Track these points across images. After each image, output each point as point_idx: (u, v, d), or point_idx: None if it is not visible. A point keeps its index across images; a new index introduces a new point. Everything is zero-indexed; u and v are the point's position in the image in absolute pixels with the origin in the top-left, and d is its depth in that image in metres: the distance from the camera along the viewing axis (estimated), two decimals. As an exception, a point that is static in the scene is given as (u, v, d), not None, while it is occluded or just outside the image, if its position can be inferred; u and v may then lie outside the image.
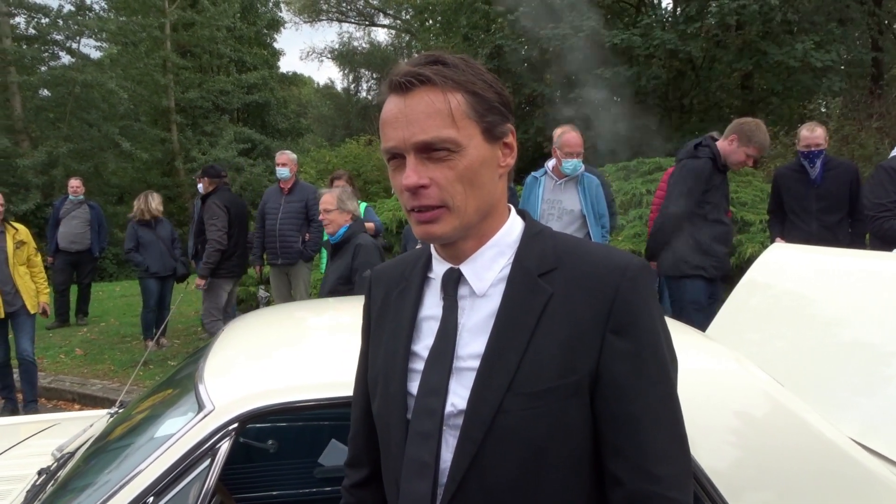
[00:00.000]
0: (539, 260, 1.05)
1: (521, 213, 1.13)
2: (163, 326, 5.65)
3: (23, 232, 5.76)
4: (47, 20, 17.12)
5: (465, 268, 1.07)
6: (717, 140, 4.33)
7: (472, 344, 1.04)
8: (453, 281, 1.08)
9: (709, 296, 4.34)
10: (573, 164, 4.65)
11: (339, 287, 4.12)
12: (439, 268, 1.11)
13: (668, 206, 4.39)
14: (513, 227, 1.10)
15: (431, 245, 1.13)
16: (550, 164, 4.82)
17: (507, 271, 1.06)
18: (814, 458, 1.60)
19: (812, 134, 4.84)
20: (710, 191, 4.24)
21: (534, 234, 1.09)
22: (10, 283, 5.51)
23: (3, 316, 5.47)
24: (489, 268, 1.07)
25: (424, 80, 0.99)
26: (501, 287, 1.05)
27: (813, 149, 4.81)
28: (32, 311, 5.65)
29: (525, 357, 0.99)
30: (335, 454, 2.81)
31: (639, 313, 1.00)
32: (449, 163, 0.99)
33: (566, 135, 4.69)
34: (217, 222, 6.01)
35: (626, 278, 1.00)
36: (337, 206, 4.23)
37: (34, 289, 5.70)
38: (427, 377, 1.06)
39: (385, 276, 1.23)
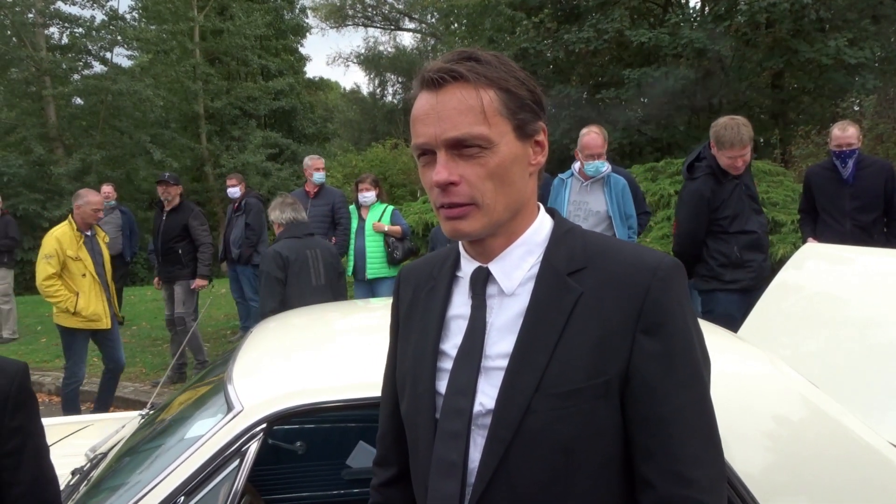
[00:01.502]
0: (568, 259, 1.04)
1: (550, 211, 1.12)
2: (191, 329, 5.72)
3: (106, 236, 5.62)
4: (81, 30, 17.50)
5: (493, 266, 1.06)
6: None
7: (500, 343, 1.03)
8: (482, 280, 1.07)
9: (747, 306, 4.15)
10: (595, 166, 4.61)
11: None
12: (468, 266, 1.10)
13: (677, 235, 4.21)
14: (542, 225, 1.08)
15: (460, 243, 1.12)
16: (577, 165, 4.79)
17: (535, 270, 1.05)
18: (851, 462, 1.56)
19: (844, 133, 4.74)
20: (721, 206, 3.99)
21: (563, 233, 1.08)
22: (109, 291, 5.30)
23: (109, 326, 5.21)
24: (518, 266, 1.05)
25: (457, 77, 0.98)
26: (530, 286, 1.04)
27: (845, 148, 4.71)
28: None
29: (554, 357, 0.98)
30: (363, 456, 2.82)
31: (670, 313, 0.98)
32: (480, 160, 0.98)
33: (586, 137, 4.65)
34: (206, 228, 6.55)
35: (657, 278, 0.99)
36: (271, 218, 4.51)
37: None
38: (455, 376, 1.05)
39: (413, 274, 1.22)
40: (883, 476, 1.55)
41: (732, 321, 4.03)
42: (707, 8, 13.86)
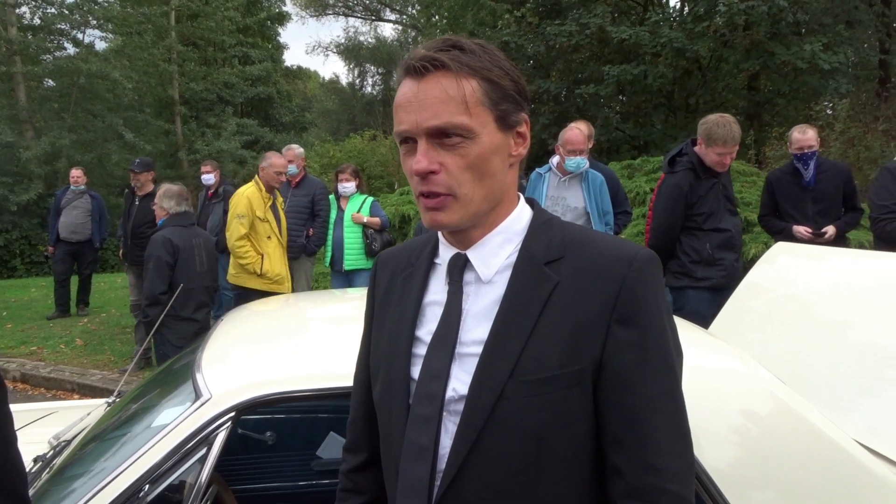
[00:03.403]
0: (546, 248, 1.04)
1: (529, 201, 1.13)
2: (160, 317, 5.63)
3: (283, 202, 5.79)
4: (53, 10, 17.08)
5: (471, 253, 1.06)
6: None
7: (475, 330, 1.03)
8: (459, 266, 1.07)
9: (717, 305, 4.17)
10: (576, 162, 4.62)
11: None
12: (446, 253, 1.10)
13: (653, 228, 4.23)
14: (521, 214, 1.09)
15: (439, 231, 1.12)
16: (555, 160, 4.79)
17: (513, 258, 1.05)
18: (816, 458, 1.58)
19: (804, 136, 4.81)
20: (697, 202, 4.03)
21: (542, 223, 1.08)
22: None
23: (291, 290, 5.39)
24: (496, 254, 1.06)
25: (439, 65, 0.98)
26: (507, 274, 1.04)
27: (806, 150, 4.78)
28: None
29: (528, 344, 0.98)
30: (333, 447, 2.80)
31: (645, 304, 0.98)
32: (461, 150, 0.98)
33: (569, 132, 4.65)
34: None
35: (633, 269, 0.99)
36: (157, 202, 4.78)
37: None
38: (429, 362, 1.05)
39: (391, 260, 1.22)
40: (847, 472, 1.58)
41: (702, 319, 4.04)
42: (687, 8, 13.97)
